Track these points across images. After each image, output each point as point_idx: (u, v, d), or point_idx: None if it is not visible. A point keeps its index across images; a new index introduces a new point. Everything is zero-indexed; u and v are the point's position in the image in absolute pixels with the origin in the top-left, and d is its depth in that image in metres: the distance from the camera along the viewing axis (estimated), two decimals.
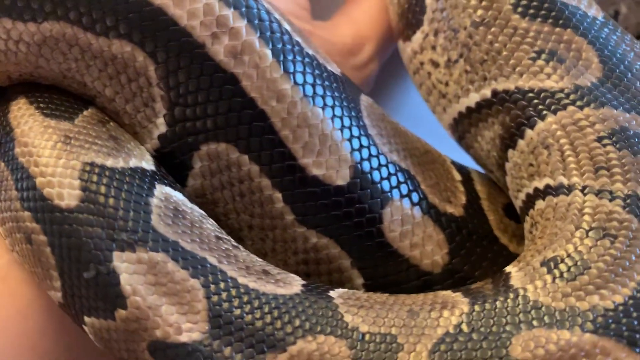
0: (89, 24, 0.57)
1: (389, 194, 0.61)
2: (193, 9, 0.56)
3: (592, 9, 0.65)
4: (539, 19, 0.63)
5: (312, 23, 0.73)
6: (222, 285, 0.54)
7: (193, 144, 0.59)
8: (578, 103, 0.60)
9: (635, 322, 0.49)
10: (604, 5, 0.91)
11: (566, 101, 0.60)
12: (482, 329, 0.51)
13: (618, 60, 0.62)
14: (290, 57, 0.59)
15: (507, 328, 0.50)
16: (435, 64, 0.68)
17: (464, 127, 0.68)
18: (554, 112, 0.60)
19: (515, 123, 0.62)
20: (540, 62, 0.62)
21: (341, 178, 0.60)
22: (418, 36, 0.69)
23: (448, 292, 0.56)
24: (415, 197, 0.62)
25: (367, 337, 0.52)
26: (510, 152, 0.64)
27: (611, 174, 0.56)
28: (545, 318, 0.50)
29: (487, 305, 0.52)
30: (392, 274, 0.61)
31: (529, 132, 0.62)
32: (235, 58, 0.57)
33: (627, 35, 0.65)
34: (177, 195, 0.58)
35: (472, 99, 0.66)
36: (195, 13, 0.56)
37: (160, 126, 0.59)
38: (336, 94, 0.61)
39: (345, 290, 0.57)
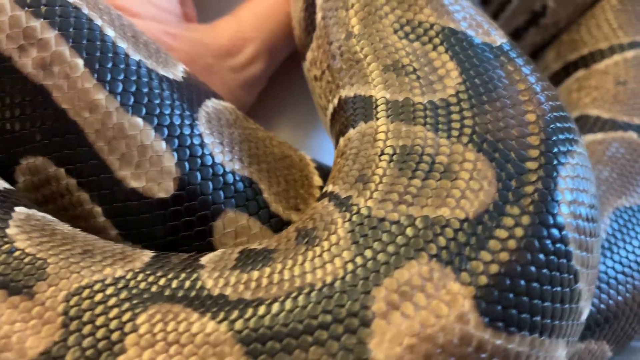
0: None
1: (221, 205, 0.58)
2: None
3: (496, 37, 0.59)
4: (417, 42, 0.58)
5: (180, 26, 0.70)
6: None
7: (14, 158, 0.57)
8: (393, 117, 0.54)
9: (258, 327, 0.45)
10: (532, 1, 0.85)
11: (382, 113, 0.55)
12: (134, 291, 0.48)
13: (485, 90, 0.55)
14: (108, 66, 0.57)
15: (146, 297, 0.48)
16: (316, 79, 0.65)
17: (335, 140, 0.64)
18: (365, 121, 0.56)
19: (339, 131, 0.58)
20: (390, 74, 0.57)
21: (164, 191, 0.57)
22: (309, 54, 0.66)
23: (146, 251, 0.53)
24: (253, 206, 0.59)
25: (17, 253, 0.50)
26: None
27: (364, 187, 0.51)
28: (192, 299, 0.48)
29: (158, 272, 0.50)
30: None
31: (340, 141, 0.57)
32: (44, 70, 0.55)
33: (530, 66, 0.58)
34: None
35: (330, 108, 0.62)
36: (0, 27, 0.55)
37: None
38: (166, 101, 0.58)
39: (46, 216, 0.55)
